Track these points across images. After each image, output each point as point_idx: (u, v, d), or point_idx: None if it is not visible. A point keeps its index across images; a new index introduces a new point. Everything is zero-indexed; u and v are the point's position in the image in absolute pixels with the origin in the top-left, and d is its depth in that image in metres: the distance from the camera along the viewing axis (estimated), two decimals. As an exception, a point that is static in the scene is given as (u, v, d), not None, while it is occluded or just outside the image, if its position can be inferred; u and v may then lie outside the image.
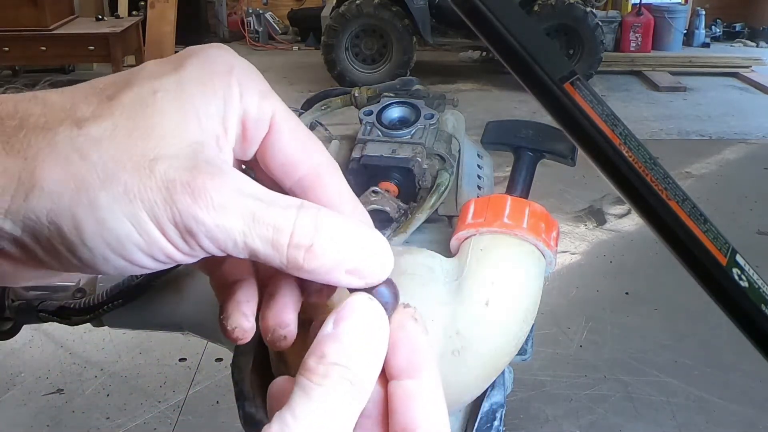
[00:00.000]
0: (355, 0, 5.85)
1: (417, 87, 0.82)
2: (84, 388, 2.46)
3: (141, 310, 0.63)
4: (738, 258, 0.44)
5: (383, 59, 6.12)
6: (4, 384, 2.47)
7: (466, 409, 0.61)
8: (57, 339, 2.68)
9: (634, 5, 7.30)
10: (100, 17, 5.76)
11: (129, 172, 0.30)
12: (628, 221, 3.63)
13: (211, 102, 0.33)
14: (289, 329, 0.35)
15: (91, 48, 5.32)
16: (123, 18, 5.91)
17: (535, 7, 5.77)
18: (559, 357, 2.61)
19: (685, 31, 7.60)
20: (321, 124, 0.81)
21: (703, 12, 7.72)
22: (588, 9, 5.90)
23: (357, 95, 0.82)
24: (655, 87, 6.29)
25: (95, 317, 0.64)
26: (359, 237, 0.33)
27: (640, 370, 2.55)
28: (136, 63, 5.92)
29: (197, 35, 7.17)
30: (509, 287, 0.53)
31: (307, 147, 0.36)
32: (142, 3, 6.12)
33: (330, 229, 0.32)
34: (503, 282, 0.53)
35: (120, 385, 2.47)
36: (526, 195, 0.66)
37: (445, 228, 0.66)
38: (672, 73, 6.61)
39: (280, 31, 8.13)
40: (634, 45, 7.11)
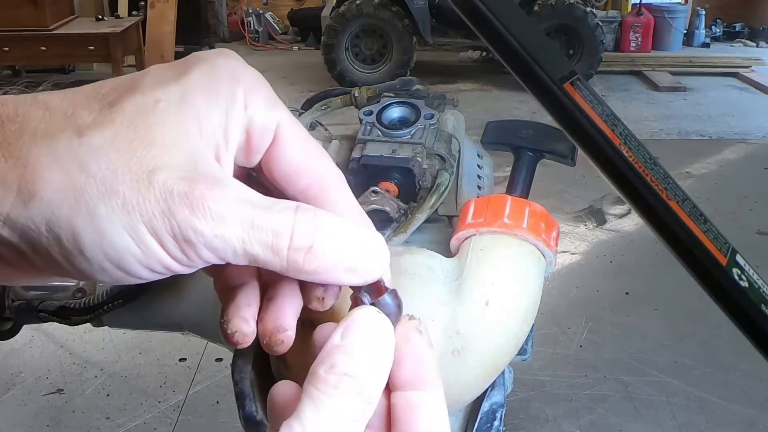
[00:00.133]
0: (355, 0, 5.85)
1: (417, 87, 0.82)
2: (84, 388, 2.46)
3: (141, 310, 0.63)
4: (738, 258, 0.44)
5: (383, 59, 6.12)
6: (4, 384, 2.47)
7: (466, 409, 0.61)
8: (57, 339, 2.68)
9: (634, 5, 7.30)
10: (100, 17, 5.76)
11: (128, 183, 0.30)
12: (628, 221, 3.62)
13: (214, 112, 0.33)
14: (287, 334, 0.35)
15: (91, 48, 5.31)
16: (123, 18, 5.91)
17: (535, 7, 5.76)
18: (559, 357, 2.61)
19: (685, 31, 7.60)
20: (321, 124, 0.81)
21: (703, 12, 7.72)
22: (588, 9, 5.90)
23: (357, 95, 0.82)
24: (655, 87, 6.29)
25: (95, 317, 0.64)
26: (357, 235, 0.33)
27: (640, 370, 2.55)
28: (136, 63, 5.92)
29: (197, 35, 7.17)
30: (509, 287, 0.53)
31: (312, 157, 0.36)
32: (142, 3, 6.12)
33: (328, 229, 0.32)
34: (503, 282, 0.53)
35: (120, 385, 2.47)
36: (526, 195, 0.66)
37: (445, 228, 0.66)
38: (672, 73, 6.61)
39: (280, 31, 8.13)
40: (634, 45, 7.11)
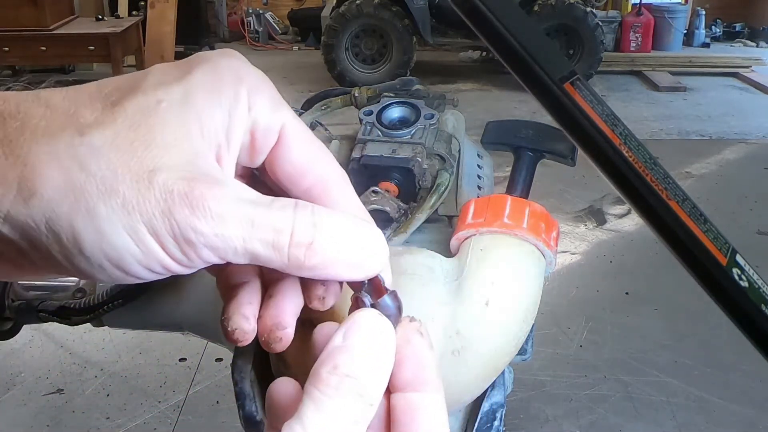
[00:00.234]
0: (355, 0, 5.85)
1: (417, 87, 0.82)
2: (84, 388, 2.46)
3: (141, 310, 0.63)
4: (738, 258, 0.44)
5: (383, 59, 6.12)
6: (4, 384, 2.47)
7: (466, 409, 0.61)
8: (57, 339, 2.68)
9: (634, 5, 7.30)
10: (100, 17, 5.76)
11: (128, 183, 0.30)
12: (628, 221, 3.62)
13: (216, 113, 0.33)
14: (286, 332, 0.35)
15: (91, 48, 5.31)
16: (123, 18, 5.90)
17: (535, 7, 5.76)
18: (559, 357, 2.61)
19: (685, 31, 7.60)
20: (321, 124, 0.81)
21: (703, 12, 7.72)
22: (588, 9, 5.90)
23: (357, 95, 0.82)
24: (655, 87, 6.29)
25: (95, 317, 0.64)
26: (356, 230, 0.34)
27: (640, 370, 2.55)
28: (136, 63, 5.92)
29: (197, 35, 7.17)
30: (509, 287, 0.53)
31: (316, 157, 0.36)
32: (142, 3, 6.12)
33: (328, 225, 0.32)
34: (503, 282, 0.53)
35: (120, 385, 2.47)
36: (526, 195, 0.66)
37: (445, 228, 0.66)
38: (672, 73, 6.61)
39: (280, 31, 8.13)
40: (634, 45, 7.11)
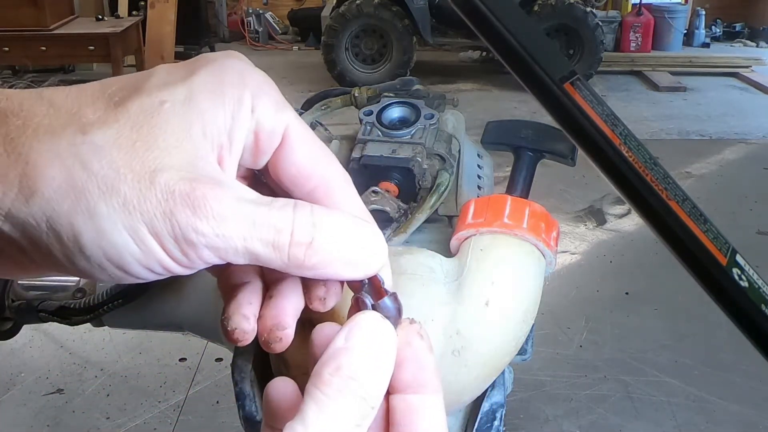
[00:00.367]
0: (355, 0, 5.85)
1: (417, 87, 0.82)
2: (84, 388, 2.46)
3: (141, 310, 0.63)
4: (738, 258, 0.44)
5: (383, 59, 6.12)
6: (4, 384, 2.47)
7: (466, 409, 0.61)
8: (57, 339, 2.68)
9: (634, 5, 7.30)
10: (100, 17, 5.75)
11: (129, 183, 0.30)
12: (628, 221, 3.62)
13: (219, 114, 0.33)
14: (286, 332, 0.35)
15: (91, 48, 5.31)
16: (123, 18, 5.90)
17: (535, 7, 5.76)
18: (559, 357, 2.61)
19: (685, 31, 7.60)
20: (321, 124, 0.81)
21: (703, 12, 7.72)
22: (588, 9, 5.90)
23: (357, 95, 0.82)
24: (655, 87, 6.29)
25: (95, 317, 0.64)
26: (355, 228, 0.34)
27: (640, 370, 2.55)
28: (136, 63, 5.92)
29: (197, 35, 7.17)
30: (509, 287, 0.53)
31: (320, 160, 0.36)
32: (142, 3, 6.12)
33: (327, 224, 0.33)
34: (503, 282, 0.53)
35: (120, 385, 2.47)
36: (526, 195, 0.66)
37: (445, 228, 0.66)
38: (672, 73, 6.60)
39: (280, 31, 8.13)
40: (634, 45, 7.11)
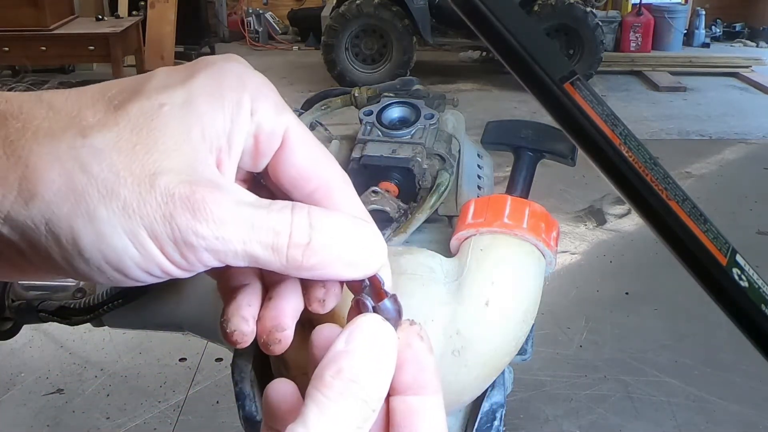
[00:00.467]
0: (355, 0, 5.85)
1: (417, 87, 0.82)
2: (84, 388, 2.46)
3: (141, 310, 0.63)
4: (738, 258, 0.44)
5: (383, 59, 6.12)
6: (4, 384, 2.47)
7: (466, 409, 0.61)
8: (57, 339, 2.68)
9: (634, 5, 7.30)
10: (100, 17, 5.75)
11: (129, 186, 0.30)
12: (628, 221, 3.62)
13: (218, 117, 0.33)
14: (285, 334, 0.35)
15: (91, 48, 5.31)
16: (123, 18, 5.90)
17: (535, 7, 5.76)
18: (559, 357, 2.61)
19: (685, 31, 7.60)
20: (321, 124, 0.81)
21: (703, 12, 7.72)
22: (588, 9, 5.90)
23: (357, 95, 0.82)
24: (655, 87, 6.29)
25: (95, 317, 0.64)
26: (353, 228, 0.34)
27: (640, 370, 2.55)
28: (136, 63, 5.91)
29: (197, 35, 7.17)
30: (509, 287, 0.53)
31: (319, 161, 0.36)
32: (142, 3, 6.12)
33: (325, 224, 0.33)
34: (503, 282, 0.53)
35: (120, 385, 2.47)
36: (526, 195, 0.66)
37: (445, 228, 0.66)
38: (672, 73, 6.60)
39: (280, 31, 8.13)
40: (634, 45, 7.11)
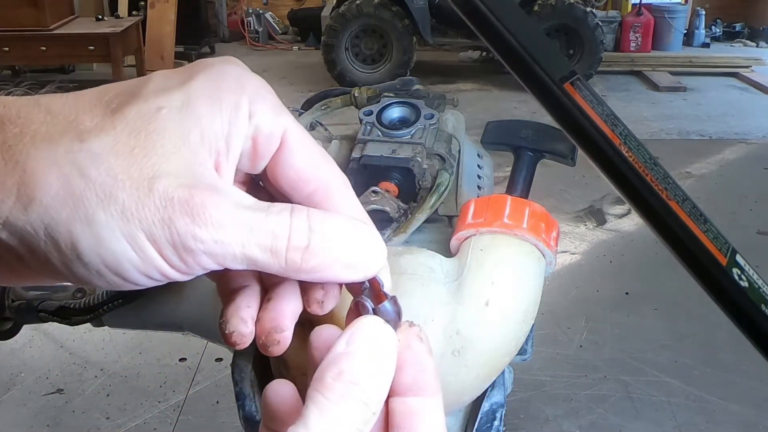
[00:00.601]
0: (355, 0, 5.85)
1: (417, 87, 0.82)
2: (84, 388, 2.46)
3: (141, 310, 0.63)
4: (738, 258, 0.44)
5: (383, 59, 6.12)
6: (4, 384, 2.47)
7: (466, 409, 0.61)
8: (57, 339, 2.68)
9: (634, 5, 7.30)
10: (100, 17, 5.76)
11: (127, 190, 0.30)
12: (628, 221, 3.62)
13: (216, 120, 0.33)
14: (284, 335, 0.35)
15: (91, 48, 5.31)
16: (123, 18, 5.90)
17: (535, 7, 5.76)
18: (559, 357, 2.60)
19: (685, 31, 7.60)
20: (321, 124, 0.81)
21: (703, 12, 7.72)
22: (588, 9, 5.89)
23: (357, 95, 0.82)
24: (655, 87, 6.28)
25: (95, 317, 0.64)
26: (352, 230, 0.34)
27: (640, 370, 2.55)
28: (136, 63, 5.92)
29: (197, 35, 7.16)
30: (509, 287, 0.53)
31: (318, 164, 0.36)
32: (142, 3, 6.12)
33: (324, 227, 0.33)
34: (503, 282, 0.53)
35: (120, 385, 2.47)
36: (526, 195, 0.66)
37: (445, 228, 0.66)
38: (672, 73, 6.60)
39: (280, 31, 8.13)
40: (634, 45, 7.11)
